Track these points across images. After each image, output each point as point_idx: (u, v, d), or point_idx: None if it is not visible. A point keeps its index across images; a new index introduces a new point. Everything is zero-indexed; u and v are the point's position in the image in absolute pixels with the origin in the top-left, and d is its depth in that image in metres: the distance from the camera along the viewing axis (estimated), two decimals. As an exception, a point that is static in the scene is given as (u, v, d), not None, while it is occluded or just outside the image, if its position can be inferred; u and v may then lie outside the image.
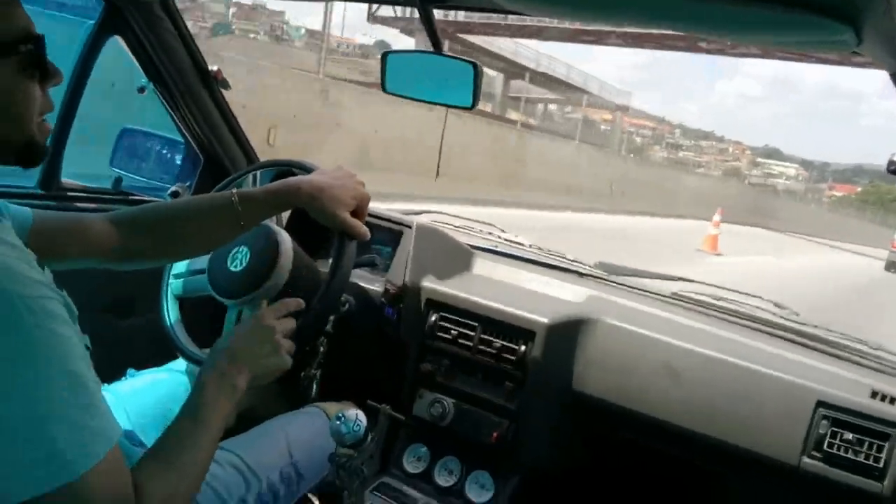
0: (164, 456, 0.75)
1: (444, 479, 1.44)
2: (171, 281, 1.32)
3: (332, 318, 1.35)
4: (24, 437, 0.60)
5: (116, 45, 1.50)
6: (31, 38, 0.71)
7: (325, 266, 1.28)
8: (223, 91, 1.66)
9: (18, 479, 0.59)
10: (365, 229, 1.10)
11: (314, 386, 1.38)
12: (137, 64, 1.53)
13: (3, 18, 0.69)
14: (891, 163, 0.84)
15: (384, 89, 1.23)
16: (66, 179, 1.51)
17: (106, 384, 1.23)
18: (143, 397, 1.23)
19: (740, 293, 1.56)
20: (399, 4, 1.13)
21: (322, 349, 1.37)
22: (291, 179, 1.06)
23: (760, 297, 1.57)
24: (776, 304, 1.55)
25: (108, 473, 0.64)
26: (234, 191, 1.03)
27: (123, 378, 1.28)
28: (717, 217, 12.42)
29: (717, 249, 11.70)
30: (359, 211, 1.09)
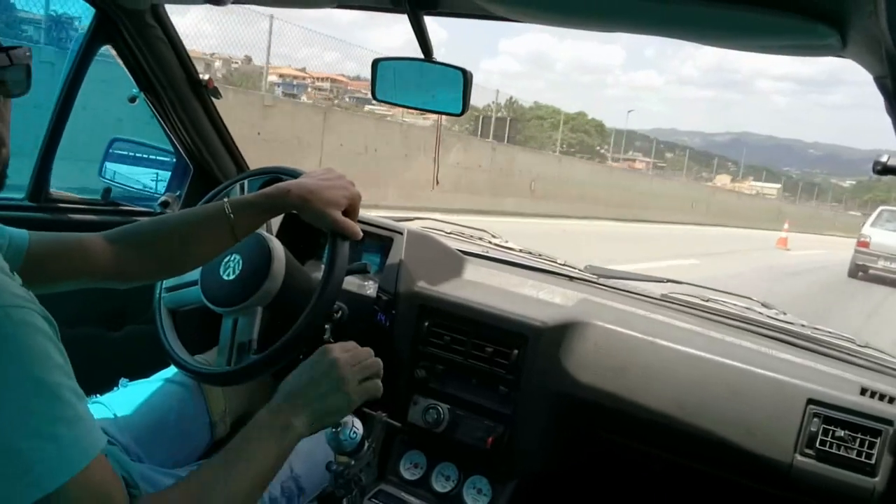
0: (194, 486, 0.73)
1: (441, 485, 1.44)
2: (163, 294, 1.30)
3: (328, 326, 1.35)
4: None
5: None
6: None
7: (314, 269, 1.28)
8: (213, 100, 1.65)
9: None
10: (357, 228, 1.10)
11: None
12: (128, 73, 1.53)
13: None
14: (876, 163, 0.85)
15: (374, 97, 1.24)
16: (54, 190, 1.50)
17: (98, 395, 1.23)
18: (136, 408, 1.22)
19: (728, 294, 1.57)
20: (389, 11, 1.13)
21: None
22: (281, 184, 1.05)
23: (749, 298, 1.58)
24: (763, 304, 1.56)
25: (88, 487, 0.61)
26: (226, 200, 1.02)
27: (115, 389, 1.27)
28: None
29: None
30: (350, 210, 1.09)
